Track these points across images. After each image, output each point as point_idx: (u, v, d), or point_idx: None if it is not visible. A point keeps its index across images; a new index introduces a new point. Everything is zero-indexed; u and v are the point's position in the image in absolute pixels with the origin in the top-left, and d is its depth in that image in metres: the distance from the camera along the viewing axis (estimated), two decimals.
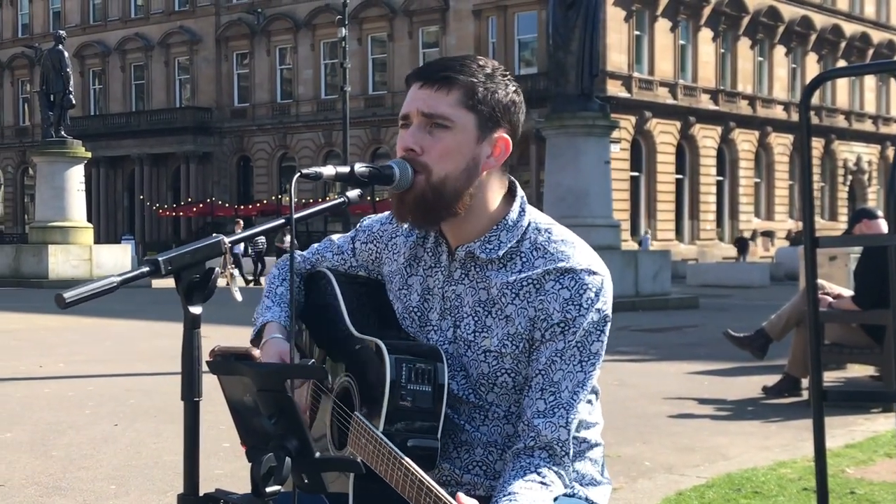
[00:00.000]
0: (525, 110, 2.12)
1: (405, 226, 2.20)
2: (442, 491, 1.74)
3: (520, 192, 2.13)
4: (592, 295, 2.01)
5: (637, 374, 9.82)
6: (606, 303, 2.04)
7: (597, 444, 2.18)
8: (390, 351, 1.96)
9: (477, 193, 2.05)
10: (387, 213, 2.28)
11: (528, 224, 2.09)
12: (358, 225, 2.32)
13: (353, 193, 2.02)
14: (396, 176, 2.01)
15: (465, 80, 2.03)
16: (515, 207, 2.10)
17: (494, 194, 2.09)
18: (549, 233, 2.08)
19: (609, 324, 2.06)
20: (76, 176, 29.35)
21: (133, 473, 5.55)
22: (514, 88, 2.09)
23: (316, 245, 2.38)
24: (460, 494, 1.72)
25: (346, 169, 1.95)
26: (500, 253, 2.05)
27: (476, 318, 2.07)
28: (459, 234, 2.09)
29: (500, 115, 2.05)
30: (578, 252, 2.05)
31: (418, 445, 1.93)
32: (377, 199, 2.21)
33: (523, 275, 2.04)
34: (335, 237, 2.36)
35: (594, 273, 2.03)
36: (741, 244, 46.95)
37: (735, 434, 6.79)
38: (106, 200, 59.87)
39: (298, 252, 2.34)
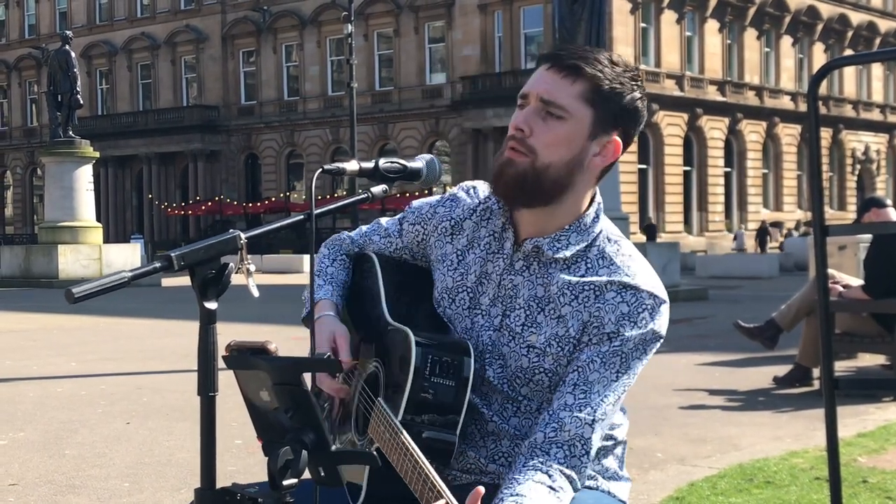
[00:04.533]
0: (645, 121, 2.10)
1: (476, 204, 2.17)
2: (446, 490, 1.73)
3: (598, 198, 2.11)
4: (649, 316, 2.00)
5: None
6: (662, 327, 2.03)
7: (622, 442, 2.19)
8: (418, 342, 1.95)
9: (572, 190, 2.03)
10: (438, 196, 2.26)
11: (600, 232, 2.07)
12: (407, 207, 2.30)
13: (377, 189, 2.01)
14: (424, 172, 2.01)
15: (592, 73, 1.99)
16: (591, 212, 2.08)
17: (585, 195, 2.07)
18: (619, 245, 2.06)
19: (657, 345, 2.05)
20: (85, 176, 29.37)
21: (146, 471, 5.56)
22: (640, 96, 2.05)
23: (364, 227, 2.36)
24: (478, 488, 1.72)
25: (370, 164, 1.94)
26: (567, 254, 2.03)
27: (528, 312, 2.04)
28: (533, 225, 2.07)
29: (618, 117, 2.02)
30: (644, 272, 2.03)
31: (434, 438, 1.92)
32: (397, 194, 2.16)
33: (586, 279, 2.02)
34: (383, 220, 2.33)
35: (656, 297, 2.02)
36: (761, 235, 46.47)
37: (746, 424, 6.79)
38: (114, 200, 59.96)
39: (347, 234, 2.33)
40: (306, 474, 1.64)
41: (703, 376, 9.11)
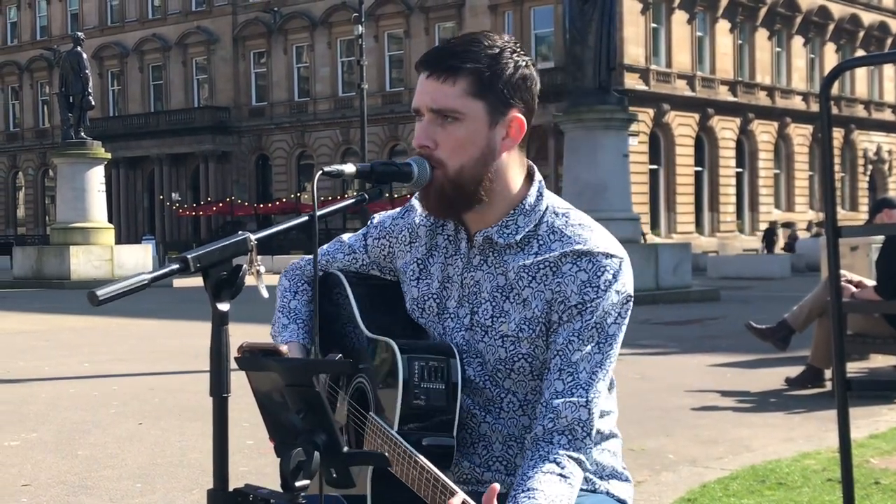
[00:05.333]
0: (538, 80, 2.07)
1: (423, 215, 2.18)
2: (457, 488, 1.74)
3: (538, 176, 2.10)
4: (610, 277, 1.98)
5: (659, 367, 9.81)
6: (626, 284, 2.00)
7: (613, 435, 2.15)
8: (402, 350, 1.95)
9: (496, 177, 2.02)
10: (398, 208, 2.27)
11: (546, 208, 2.06)
12: (369, 222, 2.30)
13: (374, 191, 2.02)
14: (415, 173, 2.01)
15: (470, 67, 1.98)
16: (533, 192, 2.06)
17: (515, 176, 2.06)
18: (567, 217, 2.05)
19: (629, 305, 2.02)
20: (96, 177, 29.46)
21: (158, 472, 5.58)
22: (523, 63, 2.02)
23: (325, 246, 2.35)
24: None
25: (367, 167, 1.96)
26: (518, 237, 2.03)
27: (494, 304, 2.04)
28: (478, 220, 2.06)
29: (509, 95, 2.00)
30: (596, 235, 2.01)
31: (434, 444, 1.92)
32: (395, 195, 2.18)
33: (540, 258, 2.01)
34: (345, 237, 2.33)
35: (612, 256, 1.99)
36: (768, 236, 46.31)
37: (758, 426, 6.78)
38: (126, 201, 60.13)
39: (307, 257, 2.31)
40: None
41: (715, 377, 9.10)
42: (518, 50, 2.04)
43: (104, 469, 5.64)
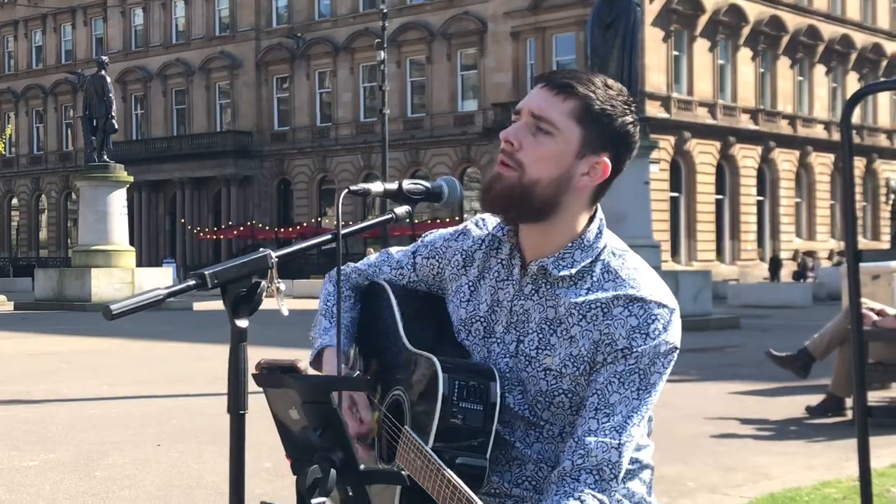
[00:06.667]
0: (637, 146, 2.10)
1: (483, 237, 2.19)
2: None
3: (600, 213, 2.11)
4: (660, 326, 1.99)
5: (679, 394, 9.76)
6: (674, 336, 2.01)
7: (648, 466, 2.16)
8: (444, 368, 1.95)
9: (563, 207, 2.03)
10: (451, 228, 2.27)
11: (604, 246, 2.07)
12: (420, 239, 2.30)
13: (401, 210, 2.02)
14: (446, 193, 2.02)
15: (584, 92, 2.00)
16: (594, 228, 2.07)
17: (580, 215, 2.07)
18: (623, 258, 2.06)
19: (674, 356, 2.02)
20: (119, 200, 29.60)
21: (175, 493, 5.58)
22: (631, 120, 2.05)
23: (372, 257, 2.36)
24: None
25: (394, 186, 1.96)
26: (573, 271, 2.03)
27: (541, 335, 2.04)
28: (536, 248, 2.07)
29: (607, 139, 2.03)
30: (650, 282, 2.02)
31: (467, 464, 1.91)
32: (413, 222, 2.17)
33: (592, 297, 2.01)
34: (393, 250, 2.33)
35: (664, 305, 2.01)
36: (774, 264, 46.57)
37: (778, 454, 6.74)
38: (148, 224, 60.39)
39: (353, 265, 2.32)
40: None
41: (735, 405, 9.06)
42: (631, 105, 2.07)
43: (122, 490, 5.65)
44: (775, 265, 46.57)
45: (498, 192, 2.02)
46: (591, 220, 2.09)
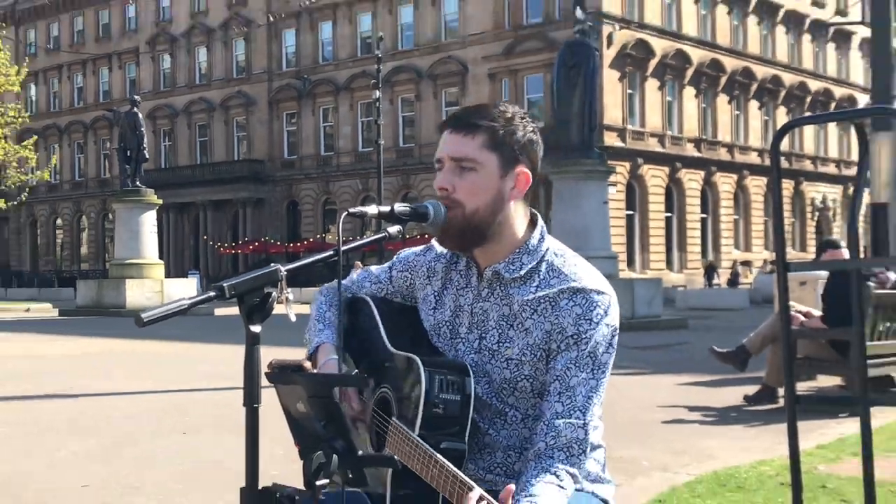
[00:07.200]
0: (542, 146, 2.12)
1: (443, 253, 2.20)
2: (471, 483, 1.74)
3: (540, 221, 2.13)
4: (602, 311, 2.01)
5: (634, 386, 9.77)
6: (614, 318, 2.03)
7: (600, 446, 2.15)
8: (425, 365, 1.95)
9: (504, 221, 2.05)
10: (421, 246, 2.28)
11: (547, 249, 2.09)
12: (395, 257, 2.32)
13: (393, 229, 2.03)
14: (431, 214, 2.03)
15: (487, 125, 2.03)
16: (536, 234, 2.10)
17: (519, 222, 2.09)
18: (564, 257, 2.08)
19: (616, 337, 2.04)
20: (149, 220, 29.54)
21: (198, 476, 5.56)
22: (531, 129, 2.08)
23: (355, 275, 2.37)
24: (481, 493, 1.72)
25: (387, 208, 1.97)
26: (522, 273, 2.05)
27: (500, 331, 2.05)
28: (488, 257, 2.09)
29: (518, 153, 2.05)
30: (589, 275, 2.04)
31: (449, 447, 1.92)
32: (407, 236, 2.20)
33: (541, 293, 2.03)
34: (373, 268, 2.35)
35: (602, 293, 2.02)
36: (709, 272, 46.96)
37: (720, 437, 6.74)
38: (174, 240, 60.18)
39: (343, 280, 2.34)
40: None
41: (683, 395, 9.06)
42: (527, 118, 2.10)
43: (151, 473, 5.63)
44: (710, 272, 46.89)
45: (451, 234, 2.04)
46: (533, 227, 2.11)
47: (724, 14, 51.95)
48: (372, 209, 1.94)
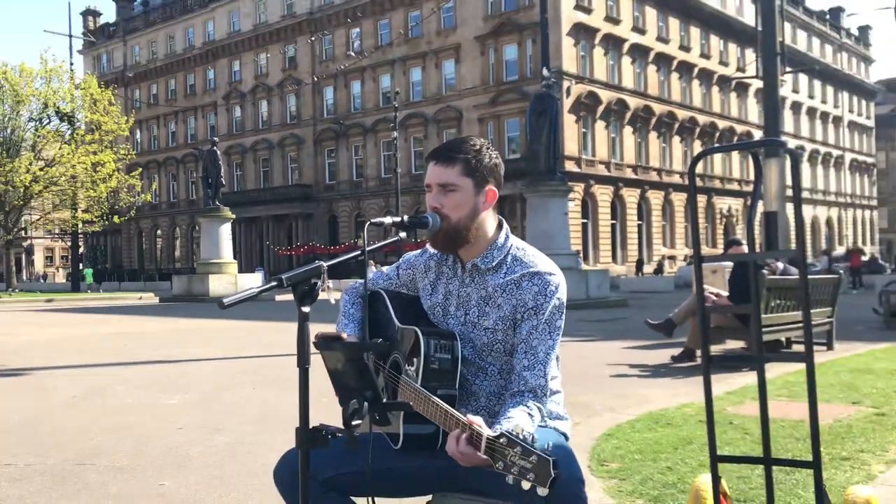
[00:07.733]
0: (504, 169, 2.12)
1: (435, 253, 2.20)
2: (459, 415, 1.75)
3: (505, 225, 2.14)
4: (553, 288, 2.02)
5: (589, 349, 9.77)
6: (562, 293, 2.04)
7: (558, 391, 2.16)
8: (423, 334, 1.97)
9: (479, 227, 2.07)
10: (419, 250, 2.29)
11: (511, 245, 2.10)
12: (401, 259, 2.33)
13: (404, 235, 2.04)
14: (430, 223, 2.04)
15: (462, 157, 2.04)
16: (503, 235, 2.11)
17: (490, 226, 2.10)
18: (524, 250, 2.10)
19: (564, 307, 2.05)
20: (226, 230, 29.54)
21: (266, 420, 5.55)
22: (495, 156, 2.09)
23: (370, 275, 2.37)
24: (470, 415, 1.73)
25: (399, 219, 1.98)
26: (494, 264, 2.07)
27: (479, 308, 2.07)
28: (468, 254, 2.10)
29: (487, 175, 2.06)
30: (543, 262, 2.06)
31: (444, 393, 1.93)
32: (416, 240, 2.21)
33: (508, 278, 2.05)
34: (384, 268, 2.36)
35: (553, 274, 2.04)
36: (639, 264, 47.18)
37: (654, 387, 6.74)
38: (245, 245, 60.13)
39: (360, 281, 2.31)
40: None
41: (626, 355, 9.06)
42: (491, 147, 2.10)
43: (231, 418, 5.63)
44: (640, 265, 47.01)
45: (441, 239, 2.06)
46: (500, 229, 2.12)
47: (653, 72, 51.94)
48: (388, 220, 1.95)
